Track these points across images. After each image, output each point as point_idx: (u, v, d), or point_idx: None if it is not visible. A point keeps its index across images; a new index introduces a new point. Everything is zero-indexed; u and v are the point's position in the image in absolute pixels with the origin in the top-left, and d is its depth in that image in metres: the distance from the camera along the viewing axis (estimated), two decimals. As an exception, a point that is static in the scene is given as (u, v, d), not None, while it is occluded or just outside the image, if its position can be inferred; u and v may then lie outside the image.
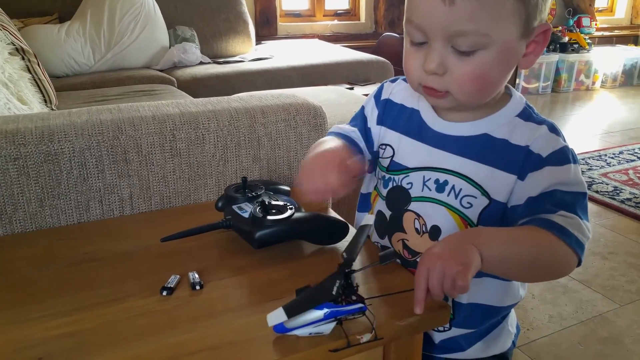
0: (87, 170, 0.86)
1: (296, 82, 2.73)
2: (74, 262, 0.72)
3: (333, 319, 0.55)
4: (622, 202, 2.34)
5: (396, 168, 0.74)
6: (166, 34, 2.80)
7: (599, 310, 1.62)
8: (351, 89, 2.63)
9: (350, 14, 3.98)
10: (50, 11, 2.67)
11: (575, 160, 0.67)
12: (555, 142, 0.66)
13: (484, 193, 0.68)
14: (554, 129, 0.68)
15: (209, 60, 2.89)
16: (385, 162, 0.76)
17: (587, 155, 2.91)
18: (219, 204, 0.80)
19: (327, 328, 0.55)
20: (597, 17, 4.76)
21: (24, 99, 1.51)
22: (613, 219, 2.22)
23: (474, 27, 0.59)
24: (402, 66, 0.69)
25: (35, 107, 1.54)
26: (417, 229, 0.72)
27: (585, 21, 4.56)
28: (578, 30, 4.50)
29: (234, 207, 0.76)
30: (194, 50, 2.80)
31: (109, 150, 0.86)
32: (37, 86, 1.75)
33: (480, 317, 0.74)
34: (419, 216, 0.71)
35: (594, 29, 4.65)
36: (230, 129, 0.94)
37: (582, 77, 4.48)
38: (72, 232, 0.83)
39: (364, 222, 0.64)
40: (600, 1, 5.09)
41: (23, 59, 1.76)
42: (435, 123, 0.72)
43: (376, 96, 0.81)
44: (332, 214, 0.85)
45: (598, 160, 2.85)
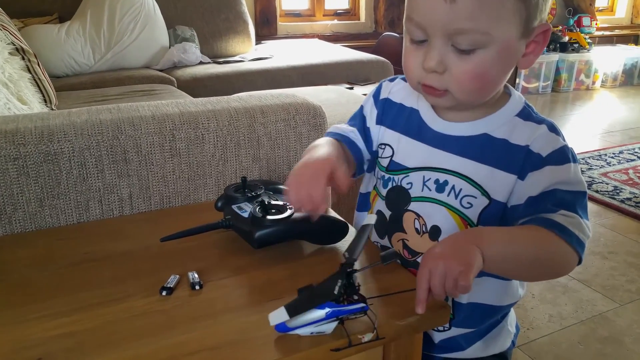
0: (87, 170, 0.86)
1: (296, 81, 2.73)
2: (73, 262, 0.72)
3: (335, 318, 0.55)
4: (622, 201, 2.34)
5: (396, 168, 0.74)
6: (166, 34, 2.80)
7: (599, 309, 1.61)
8: (351, 88, 2.63)
9: (350, 13, 3.98)
10: (50, 11, 2.67)
11: (575, 159, 0.67)
12: (555, 142, 0.66)
13: (484, 193, 0.68)
14: (553, 128, 0.68)
15: (209, 60, 2.89)
16: (384, 162, 0.76)
17: (587, 155, 2.91)
18: (219, 204, 0.80)
19: (329, 327, 0.55)
20: (597, 17, 4.76)
21: (24, 99, 1.51)
22: (613, 219, 2.22)
23: (474, 25, 0.59)
24: (402, 65, 0.69)
25: (35, 107, 1.54)
26: (417, 229, 0.72)
27: (585, 21, 4.56)
28: (578, 29, 4.50)
29: (234, 207, 0.76)
30: (193, 50, 2.80)
31: (108, 150, 0.86)
32: (37, 86, 1.75)
33: (479, 316, 0.74)
34: (419, 216, 0.71)
35: (594, 29, 4.65)
36: (229, 128, 0.94)
37: (582, 76, 4.47)
38: (71, 232, 0.83)
39: (365, 221, 0.63)
40: (601, 1, 5.09)
41: (23, 59, 1.76)
42: (435, 123, 0.72)
43: (375, 95, 0.81)
44: (332, 213, 0.85)
45: (598, 159, 2.84)
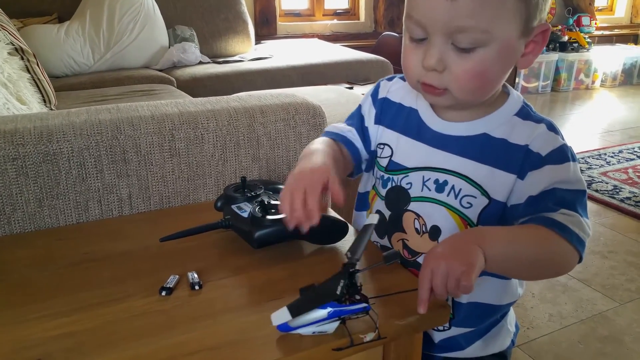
0: (86, 170, 0.86)
1: (296, 81, 2.73)
2: (73, 262, 0.72)
3: (336, 318, 0.55)
4: (622, 201, 2.34)
5: (395, 168, 0.74)
6: (165, 34, 2.80)
7: (599, 308, 1.61)
8: (351, 88, 2.63)
9: (350, 13, 3.98)
10: (49, 11, 2.66)
11: (574, 158, 0.67)
12: (554, 141, 0.67)
13: (484, 193, 0.68)
14: (552, 127, 0.68)
15: (209, 60, 2.89)
16: (383, 162, 0.76)
17: (586, 154, 2.91)
18: (218, 204, 0.80)
19: (331, 327, 0.55)
20: (596, 16, 4.76)
21: (23, 99, 1.51)
22: (613, 218, 2.22)
23: (475, 24, 0.59)
24: (401, 64, 0.69)
25: (34, 107, 1.54)
26: (417, 229, 0.72)
27: (585, 20, 4.56)
28: (578, 29, 4.50)
29: (233, 206, 0.76)
30: (193, 50, 2.80)
31: (107, 150, 0.86)
32: (37, 86, 1.75)
33: (479, 316, 0.74)
34: (418, 216, 0.71)
35: (594, 28, 4.65)
36: (229, 128, 0.94)
37: (582, 76, 4.47)
38: (71, 232, 0.83)
39: (367, 221, 0.63)
40: (600, 0, 5.09)
41: (22, 59, 1.76)
42: (434, 123, 0.72)
43: (373, 95, 0.81)
44: (332, 213, 0.85)
45: (598, 159, 2.85)
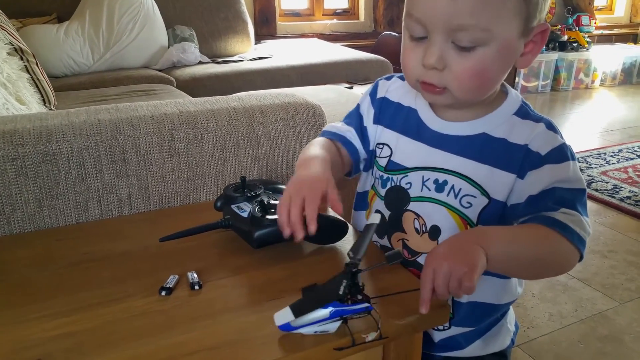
0: (86, 170, 0.86)
1: (295, 81, 2.72)
2: (72, 262, 0.72)
3: (338, 317, 0.55)
4: (622, 200, 2.34)
5: (394, 168, 0.74)
6: (165, 34, 2.80)
7: (599, 308, 1.61)
8: (350, 88, 2.63)
9: (350, 13, 3.98)
10: (48, 11, 2.66)
11: (574, 157, 0.67)
12: (554, 140, 0.67)
13: (484, 192, 0.68)
14: (551, 126, 0.68)
15: (208, 60, 2.89)
16: (382, 162, 0.76)
17: (586, 154, 2.91)
18: (218, 204, 0.80)
19: (333, 327, 0.55)
20: (596, 16, 4.76)
21: (23, 99, 1.50)
22: (612, 217, 2.22)
23: (476, 22, 0.59)
24: (400, 62, 0.69)
25: (33, 107, 1.54)
26: (416, 229, 0.72)
27: (584, 19, 4.56)
28: (577, 28, 4.50)
29: (233, 206, 0.76)
30: (192, 50, 2.80)
31: (107, 150, 0.86)
32: (36, 86, 1.74)
33: (479, 315, 0.74)
34: (418, 216, 0.71)
35: (593, 28, 4.65)
36: (229, 128, 0.94)
37: (582, 75, 4.47)
38: (70, 233, 0.83)
39: (369, 220, 0.63)
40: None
41: (22, 59, 1.76)
42: (434, 122, 0.72)
43: (372, 94, 0.80)
44: (332, 213, 0.84)
45: (597, 158, 2.85)
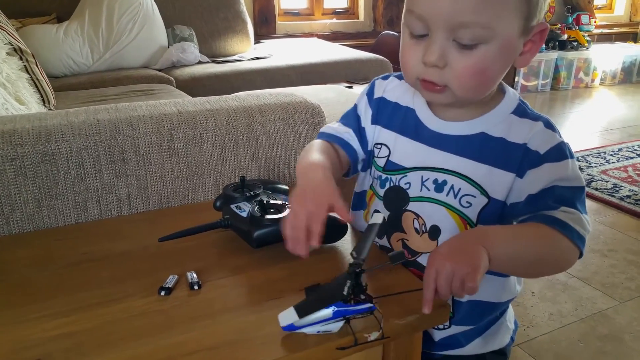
0: (85, 170, 0.86)
1: (295, 81, 2.72)
2: (72, 262, 0.72)
3: (341, 317, 0.55)
4: (622, 199, 2.34)
5: (393, 168, 0.74)
6: (164, 34, 2.79)
7: (599, 307, 1.61)
8: (350, 87, 2.63)
9: (349, 12, 3.98)
10: (48, 11, 2.66)
11: (572, 155, 0.67)
12: (552, 138, 0.67)
13: (483, 192, 0.68)
14: (549, 124, 0.68)
15: (208, 60, 2.89)
16: (381, 162, 0.76)
17: (586, 153, 2.91)
18: (217, 204, 0.80)
19: (336, 326, 0.56)
20: (596, 15, 4.76)
21: (22, 99, 1.50)
22: (612, 217, 2.22)
23: (478, 19, 0.59)
24: (399, 60, 0.68)
25: (33, 108, 1.54)
26: (416, 229, 0.72)
27: (584, 18, 4.56)
28: (577, 27, 4.50)
29: (232, 206, 0.76)
30: (192, 50, 2.80)
31: (106, 150, 0.86)
32: (35, 86, 1.74)
33: (479, 313, 0.74)
34: (418, 216, 0.71)
35: (593, 27, 4.65)
36: (228, 128, 0.94)
37: (581, 74, 4.47)
38: (70, 233, 0.83)
39: (372, 220, 0.62)
40: (599, -2, 5.10)
41: (21, 59, 1.76)
42: (432, 122, 0.72)
43: (369, 94, 0.80)
44: (331, 213, 0.84)
45: (597, 157, 2.84)
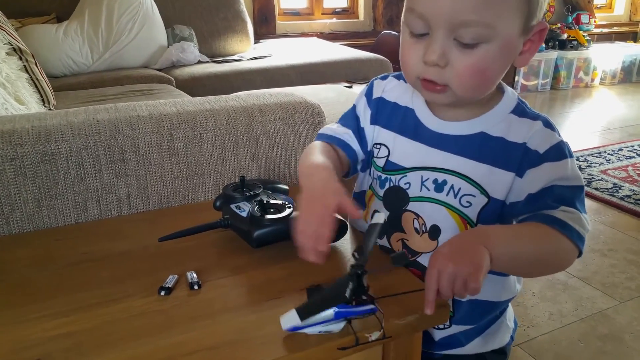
0: (85, 170, 0.86)
1: (295, 80, 2.72)
2: (72, 262, 0.72)
3: (343, 318, 0.55)
4: (622, 199, 2.34)
5: (392, 168, 0.74)
6: (164, 33, 2.79)
7: (599, 307, 1.61)
8: (350, 87, 2.63)
9: (349, 12, 3.98)
10: (48, 11, 2.66)
11: (571, 154, 0.67)
12: (551, 138, 0.67)
13: (483, 192, 0.68)
14: (548, 124, 0.68)
15: (208, 60, 2.89)
16: (380, 162, 0.76)
17: (586, 152, 2.91)
18: (217, 203, 0.80)
19: (337, 327, 0.56)
20: (595, 14, 4.76)
21: (22, 99, 1.50)
22: (613, 216, 2.22)
23: (479, 18, 0.58)
24: (399, 60, 0.68)
25: (33, 107, 1.54)
26: (416, 229, 0.72)
27: (584, 18, 4.55)
28: (577, 27, 4.50)
29: (232, 206, 0.76)
30: (192, 50, 2.80)
31: (106, 150, 0.86)
32: (35, 86, 1.74)
33: (479, 313, 0.74)
34: (418, 216, 0.71)
35: (593, 26, 4.65)
36: (228, 127, 0.94)
37: (581, 74, 4.47)
38: (69, 233, 0.83)
39: (374, 220, 0.62)
40: (599, -2, 5.09)
41: (21, 59, 1.76)
42: (432, 122, 0.71)
43: (367, 94, 0.80)
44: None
45: (597, 157, 2.84)
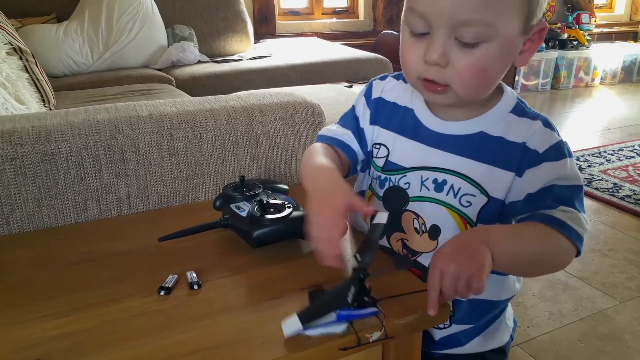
0: (85, 170, 0.86)
1: (295, 80, 2.72)
2: (71, 262, 0.72)
3: (345, 321, 0.55)
4: (622, 198, 2.34)
5: (392, 168, 0.74)
6: (164, 33, 2.79)
7: (599, 307, 1.61)
8: (350, 87, 2.63)
9: (349, 11, 3.98)
10: (48, 11, 2.66)
11: (570, 153, 0.67)
12: (551, 137, 0.67)
13: (483, 191, 0.68)
14: (548, 123, 0.68)
15: (208, 59, 2.89)
16: (380, 162, 0.75)
17: (586, 152, 2.91)
18: (217, 203, 0.80)
19: (340, 328, 0.56)
20: (596, 14, 4.76)
21: (22, 99, 1.50)
22: (613, 216, 2.22)
23: (480, 18, 0.58)
24: (399, 59, 0.67)
25: (33, 107, 1.54)
26: (416, 229, 0.72)
27: (584, 18, 4.55)
28: (577, 26, 4.50)
29: (232, 206, 0.76)
30: (192, 49, 2.80)
31: (106, 150, 0.86)
32: (35, 86, 1.74)
33: (479, 312, 0.74)
34: (418, 216, 0.71)
35: (593, 26, 4.65)
36: (228, 127, 0.94)
37: (582, 73, 4.47)
38: (69, 232, 0.83)
39: (376, 220, 0.62)
40: (599, -2, 5.09)
41: (21, 58, 1.76)
42: (431, 122, 0.71)
43: (366, 95, 0.80)
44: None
45: (597, 157, 2.84)
